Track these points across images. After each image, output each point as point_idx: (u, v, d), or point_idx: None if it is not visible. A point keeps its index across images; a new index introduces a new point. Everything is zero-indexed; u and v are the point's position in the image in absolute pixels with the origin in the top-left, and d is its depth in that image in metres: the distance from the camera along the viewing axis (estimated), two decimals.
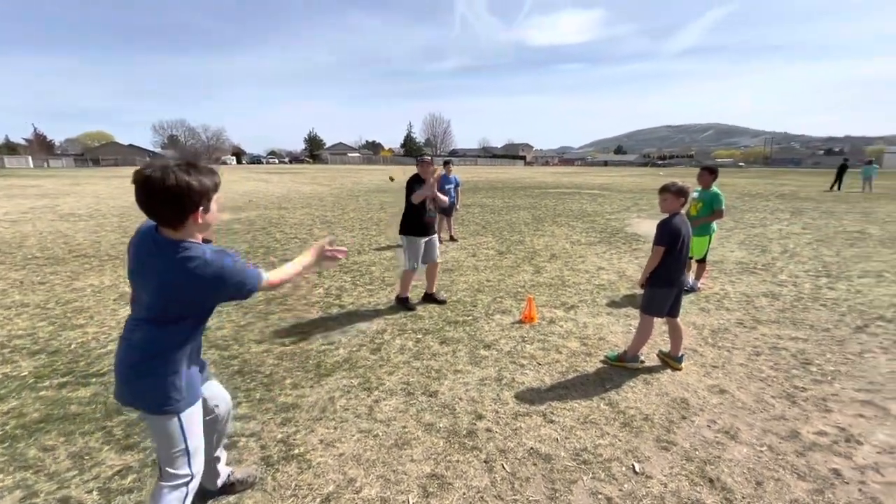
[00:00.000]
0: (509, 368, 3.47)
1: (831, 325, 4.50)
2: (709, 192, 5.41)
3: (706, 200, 5.40)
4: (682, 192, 3.38)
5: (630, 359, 3.58)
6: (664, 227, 3.37)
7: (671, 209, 3.42)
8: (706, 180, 5.43)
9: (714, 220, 5.43)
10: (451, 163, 8.38)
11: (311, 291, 5.50)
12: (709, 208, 5.38)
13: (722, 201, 5.36)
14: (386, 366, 3.49)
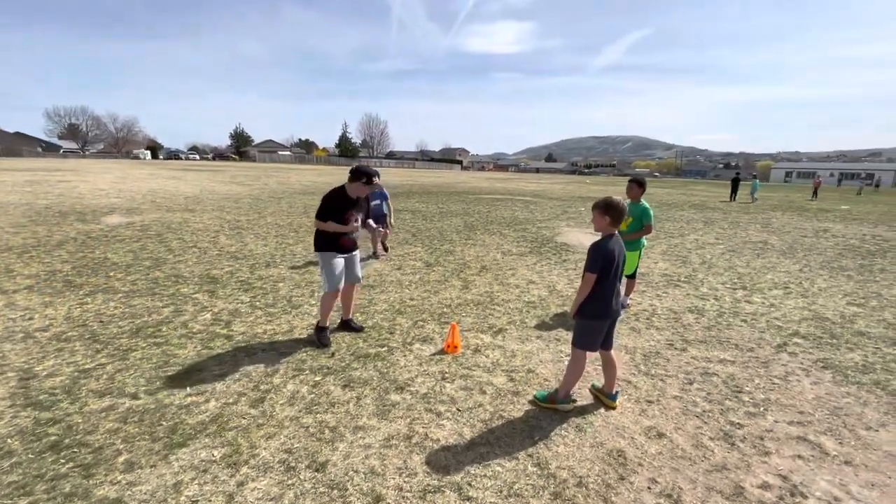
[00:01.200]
0: (423, 419, 2.89)
1: (754, 345, 4.44)
2: (638, 206, 5.22)
3: (636, 215, 5.21)
4: (620, 214, 2.98)
5: (562, 400, 3.14)
6: (597, 252, 2.94)
7: (601, 229, 3.04)
8: (635, 193, 5.24)
9: (644, 236, 5.26)
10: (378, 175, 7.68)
11: (195, 317, 4.56)
12: (638, 223, 5.20)
13: (651, 216, 5.20)
14: (267, 425, 2.75)
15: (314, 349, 3.87)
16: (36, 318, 4.37)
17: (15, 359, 3.52)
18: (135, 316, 4.54)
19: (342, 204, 3.81)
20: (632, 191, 5.23)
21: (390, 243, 8.86)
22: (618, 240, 3.04)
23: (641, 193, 5.22)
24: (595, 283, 2.95)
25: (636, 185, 5.22)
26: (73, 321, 4.34)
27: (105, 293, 5.21)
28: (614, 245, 2.97)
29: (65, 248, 7.31)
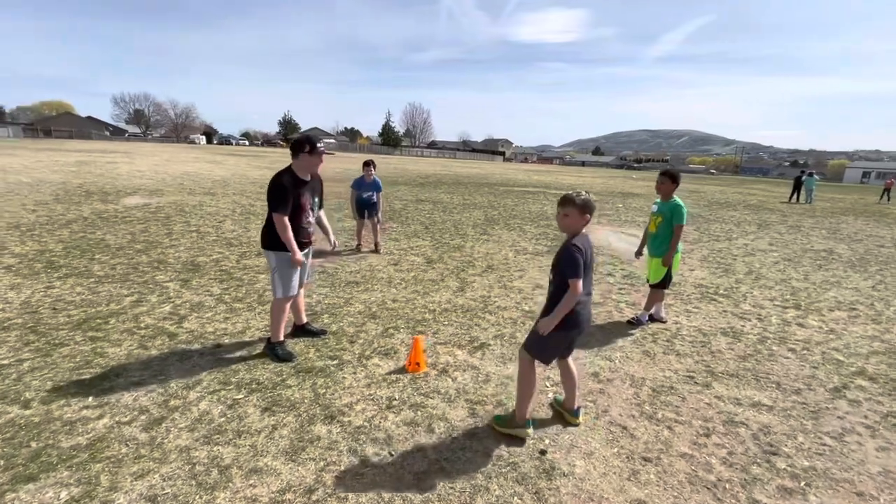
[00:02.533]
0: (341, 464, 2.29)
1: (802, 385, 3.51)
2: (669, 204, 4.35)
3: (666, 214, 4.34)
4: (586, 208, 2.40)
5: (519, 423, 2.50)
6: (579, 254, 2.38)
7: (574, 229, 2.47)
8: (667, 189, 4.36)
9: (678, 241, 4.37)
10: (373, 164, 7.12)
11: (153, 309, 4.19)
12: (668, 224, 4.33)
13: (683, 214, 4.31)
14: (147, 457, 2.25)
15: (256, 358, 3.37)
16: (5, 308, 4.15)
17: None
18: (92, 304, 4.23)
19: (295, 190, 3.21)
20: (663, 185, 4.36)
21: (398, 234, 8.32)
22: (587, 239, 2.51)
23: (674, 189, 4.34)
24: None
25: (668, 178, 4.34)
26: (27, 307, 4.08)
27: (79, 277, 4.97)
28: (587, 243, 2.47)
29: (70, 228, 7.28)
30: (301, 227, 3.28)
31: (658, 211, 4.48)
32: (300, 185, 3.23)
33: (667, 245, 4.39)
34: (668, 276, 4.48)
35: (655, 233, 4.49)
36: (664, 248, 4.40)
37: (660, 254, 4.45)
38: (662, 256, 4.42)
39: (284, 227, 3.12)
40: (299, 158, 3.22)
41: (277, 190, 3.13)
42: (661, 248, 4.43)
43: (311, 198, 3.34)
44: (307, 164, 3.25)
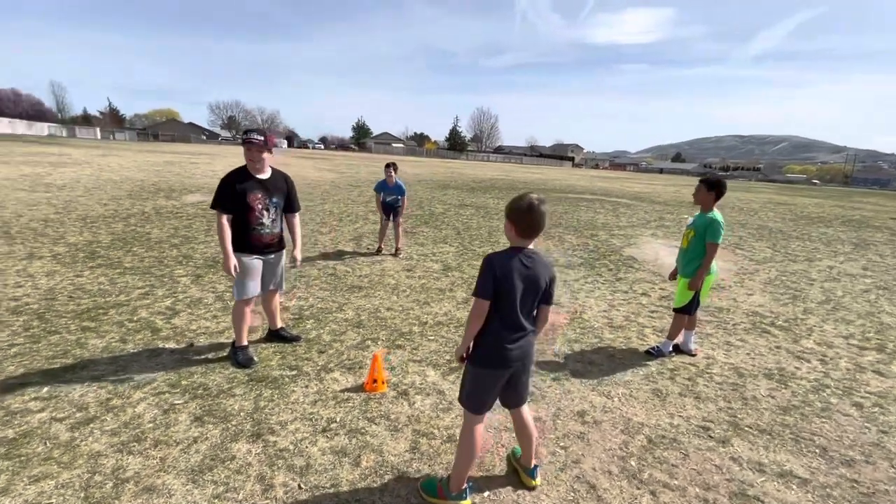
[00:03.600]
0: (241, 492, 2.06)
1: (859, 455, 2.73)
2: (704, 217, 3.69)
3: (699, 229, 3.69)
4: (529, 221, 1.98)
5: (454, 494, 2.08)
6: (487, 267, 1.93)
7: (509, 239, 2.04)
8: (704, 199, 3.72)
9: (710, 261, 3.70)
10: (395, 166, 6.92)
11: (154, 303, 4.32)
12: (701, 241, 3.67)
13: (719, 232, 3.64)
14: (54, 460, 2.18)
15: (219, 361, 3.28)
16: (23, 287, 4.51)
17: None
18: (104, 295, 4.45)
19: (242, 186, 3.08)
20: (699, 194, 3.73)
21: (425, 238, 8.10)
22: (530, 258, 1.99)
23: (714, 200, 3.69)
24: (489, 314, 1.93)
25: (705, 186, 3.70)
26: (49, 294, 4.39)
27: (107, 268, 5.31)
28: (515, 264, 1.94)
29: (127, 222, 7.93)
30: (251, 228, 3.13)
31: (692, 224, 3.83)
32: (249, 183, 3.10)
33: (697, 264, 3.72)
34: (694, 301, 3.80)
35: (686, 249, 3.84)
36: (693, 267, 3.74)
37: (688, 274, 3.79)
38: (690, 278, 3.75)
39: (220, 227, 3.01)
40: (245, 154, 3.09)
41: (218, 186, 3.04)
42: (690, 267, 3.77)
43: (267, 198, 3.19)
44: (246, 158, 3.11)
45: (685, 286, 3.80)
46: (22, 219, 7.46)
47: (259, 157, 3.15)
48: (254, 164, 3.16)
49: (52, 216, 7.83)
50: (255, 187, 3.16)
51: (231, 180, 3.09)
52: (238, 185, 3.08)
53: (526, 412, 2.24)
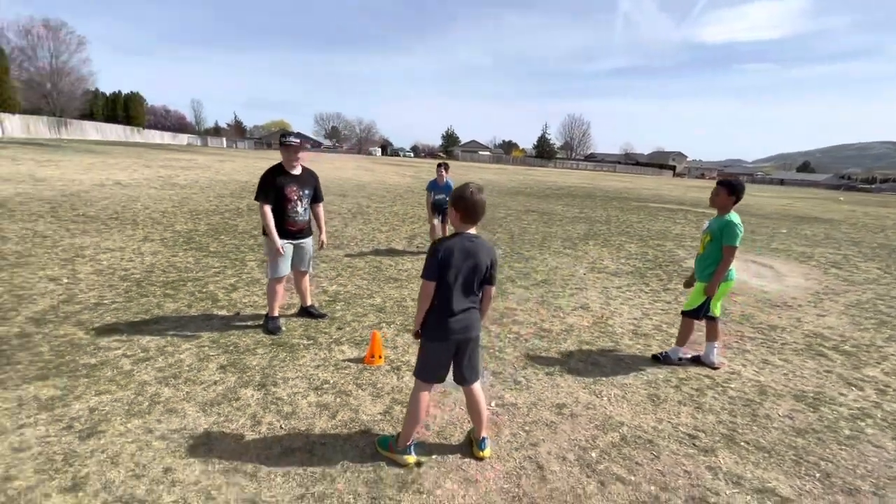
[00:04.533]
0: (234, 422, 2.54)
1: (868, 485, 2.45)
2: (721, 221, 3.53)
3: (715, 232, 3.53)
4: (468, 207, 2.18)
5: (400, 450, 2.35)
6: (432, 252, 2.18)
7: (458, 227, 2.26)
8: (722, 202, 3.57)
9: (727, 266, 3.51)
10: (446, 166, 7.25)
11: (223, 280, 5.15)
12: (717, 244, 3.51)
13: (737, 234, 3.45)
14: (115, 383, 2.85)
15: (254, 328, 3.88)
16: (134, 262, 5.64)
17: (83, 281, 4.60)
18: (187, 271, 5.40)
19: (279, 181, 3.64)
20: (717, 197, 3.58)
21: None
22: (471, 241, 2.22)
23: (732, 203, 3.53)
24: (435, 293, 2.20)
25: (724, 189, 3.55)
26: (150, 267, 5.44)
27: (197, 251, 6.38)
28: (458, 246, 2.18)
29: (222, 215, 9.31)
30: (286, 216, 3.67)
31: (708, 228, 3.65)
32: (284, 178, 3.64)
33: (714, 269, 3.54)
34: (704, 306, 3.61)
35: (703, 254, 3.67)
36: (710, 272, 3.56)
37: (704, 278, 3.61)
38: (707, 282, 3.57)
39: (264, 216, 3.56)
40: (283, 155, 3.64)
41: (260, 180, 3.60)
42: (707, 272, 3.60)
43: (300, 190, 3.71)
44: (284, 158, 3.64)
45: (700, 290, 3.62)
46: (147, 210, 9.15)
47: (296, 157, 3.71)
48: (290, 162, 3.71)
49: (169, 209, 9.48)
50: (291, 181, 3.71)
51: (271, 176, 3.67)
52: (276, 180, 3.65)
53: (477, 389, 2.42)
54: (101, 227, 7.32)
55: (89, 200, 9.55)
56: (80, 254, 5.73)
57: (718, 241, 3.51)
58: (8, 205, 8.34)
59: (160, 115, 78.84)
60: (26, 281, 4.62)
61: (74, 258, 5.52)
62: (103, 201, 9.63)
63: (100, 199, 9.79)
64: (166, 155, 28.24)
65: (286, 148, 3.67)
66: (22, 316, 3.77)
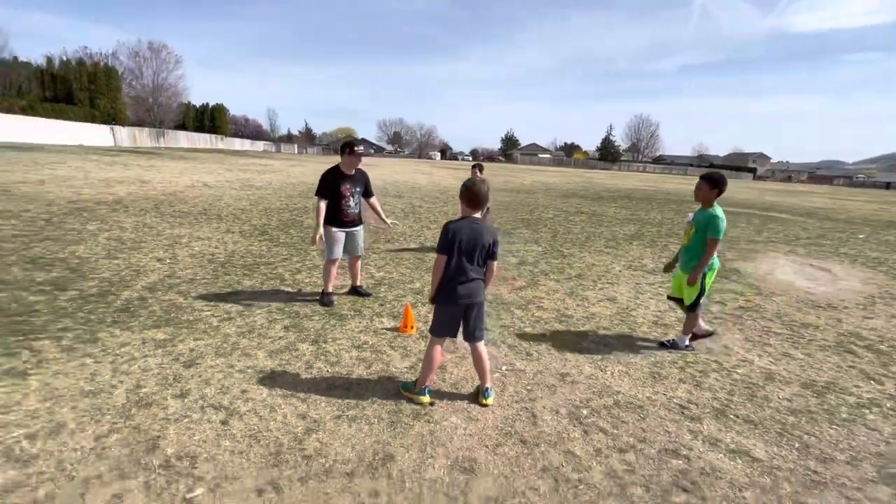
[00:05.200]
0: (292, 365, 3.23)
1: (843, 455, 2.62)
2: (705, 213, 3.75)
3: (700, 224, 3.75)
4: (464, 195, 2.76)
5: (417, 391, 2.91)
6: (443, 231, 2.73)
7: (465, 212, 2.80)
8: (705, 195, 3.78)
9: (710, 257, 3.73)
10: (481, 167, 7.69)
11: (289, 265, 6.03)
12: (702, 235, 3.73)
13: (720, 227, 3.66)
14: (207, 334, 3.68)
15: (312, 301, 4.63)
16: (218, 249, 6.71)
17: (181, 262, 5.65)
18: (261, 257, 6.36)
19: (336, 180, 4.35)
20: (700, 191, 3.80)
21: (515, 239, 8.75)
22: (475, 223, 2.75)
23: (715, 196, 3.74)
24: (447, 265, 2.74)
25: (707, 183, 3.76)
26: (232, 254, 6.47)
27: (269, 242, 7.39)
28: (464, 227, 2.71)
29: (291, 213, 10.46)
30: (340, 209, 4.37)
31: (692, 220, 3.87)
32: (340, 177, 4.33)
33: (697, 261, 3.75)
34: (700, 296, 3.83)
35: (688, 245, 3.90)
36: (696, 263, 3.77)
37: (689, 269, 3.83)
38: (691, 273, 3.79)
39: (318, 208, 4.28)
40: (343, 158, 4.33)
41: (319, 179, 4.32)
42: (692, 263, 3.81)
43: (353, 187, 4.40)
44: (349, 163, 4.33)
45: (688, 284, 3.83)
46: (229, 207, 10.52)
47: (358, 162, 4.42)
48: (352, 166, 4.42)
49: (247, 207, 10.81)
50: (346, 180, 4.42)
51: (330, 176, 4.38)
52: (334, 179, 4.38)
53: (481, 346, 2.91)
54: (193, 220, 8.63)
55: (183, 199, 11.13)
56: (177, 241, 6.90)
57: (703, 232, 3.72)
58: (123, 202, 10.01)
59: (240, 124, 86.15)
60: (140, 260, 5.75)
61: (174, 244, 6.69)
62: (194, 200, 11.18)
63: (191, 198, 11.37)
64: (245, 160, 31.15)
65: (356, 156, 4.37)
66: (139, 285, 4.80)
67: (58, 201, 9.35)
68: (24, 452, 2.23)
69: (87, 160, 18.39)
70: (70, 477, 2.09)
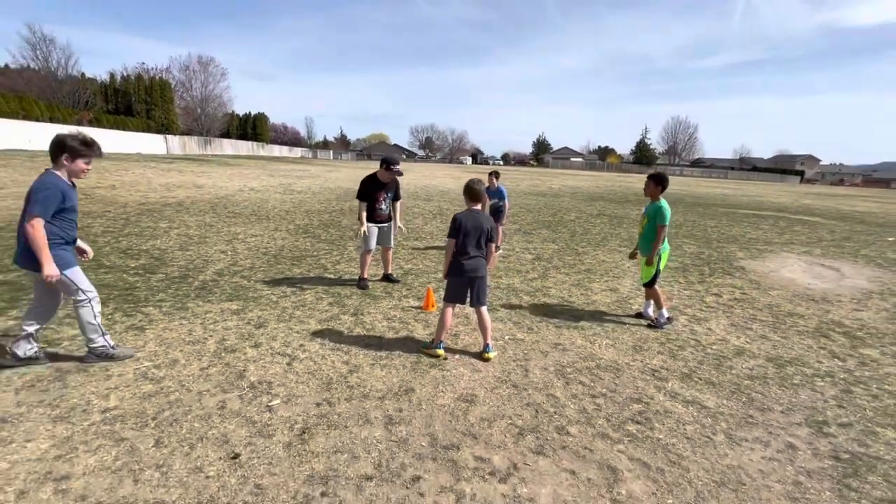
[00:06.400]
0: (335, 326, 4.08)
1: (782, 408, 3.19)
2: (654, 205, 4.55)
3: (650, 215, 4.49)
4: (467, 193, 3.47)
5: (434, 345, 3.70)
6: (453, 221, 3.53)
7: (467, 205, 3.61)
8: (652, 191, 4.61)
9: (660, 240, 4.51)
10: (497, 174, 8.34)
11: (330, 258, 6.95)
12: (652, 224, 4.49)
13: (666, 216, 4.46)
14: (267, 305, 4.60)
15: (350, 286, 5.50)
16: (270, 243, 7.73)
17: (240, 253, 6.66)
18: (306, 250, 7.32)
19: (373, 186, 5.20)
20: (648, 188, 4.62)
21: (535, 238, 9.40)
22: (473, 213, 3.55)
23: (660, 191, 4.56)
24: (456, 247, 3.51)
25: (654, 181, 4.58)
26: (281, 248, 7.46)
27: (313, 238, 8.37)
28: (468, 216, 3.52)
29: (329, 214, 11.50)
30: (375, 210, 5.22)
31: (644, 212, 4.59)
32: (377, 184, 5.18)
33: (651, 245, 4.46)
34: (656, 276, 4.58)
35: (643, 233, 4.69)
36: (650, 247, 4.48)
37: (646, 252, 4.54)
38: (647, 255, 4.51)
39: (360, 208, 5.14)
40: (381, 170, 5.18)
41: (360, 184, 5.19)
42: (647, 247, 4.55)
43: (385, 193, 5.24)
44: (384, 175, 5.17)
45: (645, 264, 4.52)
46: (275, 209, 11.68)
47: (394, 178, 5.26)
48: (387, 179, 5.26)
49: (290, 209, 11.94)
50: (381, 187, 5.28)
51: (369, 182, 5.25)
52: (371, 185, 5.24)
53: (484, 311, 3.65)
54: (245, 220, 9.77)
55: (235, 202, 12.40)
56: (235, 237, 7.99)
57: (653, 221, 4.44)
58: (184, 204, 11.34)
59: (280, 132, 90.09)
60: (207, 252, 6.81)
61: (233, 240, 7.77)
62: (244, 203, 12.43)
63: (241, 201, 12.63)
64: (284, 166, 32.99)
65: (393, 172, 5.20)
66: (210, 271, 5.82)
67: (130, 203, 10.75)
68: (155, 375, 3.15)
69: (147, 167, 20.28)
70: (188, 390, 2.99)
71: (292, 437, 2.59)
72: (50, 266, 2.82)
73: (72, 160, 2.92)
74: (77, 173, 2.99)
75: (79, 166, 2.96)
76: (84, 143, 2.95)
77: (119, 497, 2.10)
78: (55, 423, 2.59)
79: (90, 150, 2.98)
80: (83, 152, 2.94)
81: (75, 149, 2.90)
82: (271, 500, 2.13)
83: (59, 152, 2.89)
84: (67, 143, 2.88)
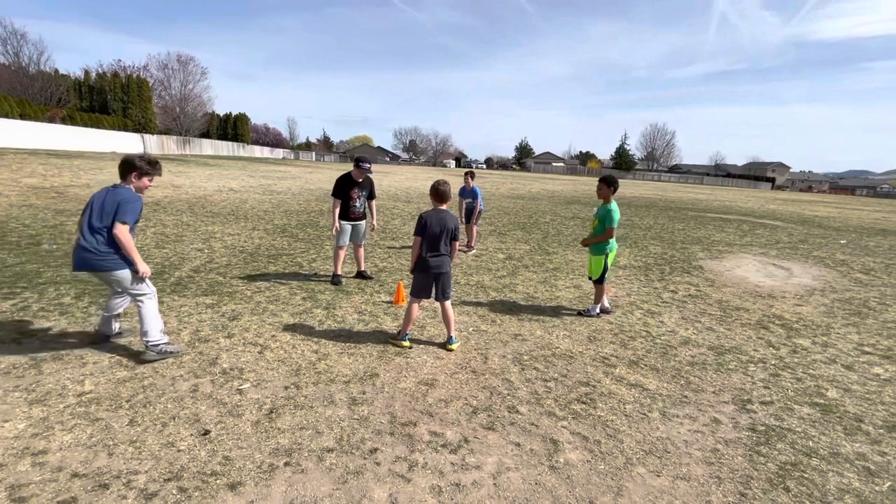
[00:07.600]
0: (307, 319, 4.27)
1: (714, 389, 3.52)
2: (604, 207, 4.86)
3: (601, 216, 4.81)
4: (437, 194, 3.69)
5: (401, 337, 3.91)
6: (419, 219, 3.75)
7: (434, 205, 3.84)
8: (604, 193, 4.91)
9: (606, 239, 4.85)
10: (472, 174, 8.60)
11: (308, 256, 7.11)
12: (601, 225, 4.81)
13: (615, 218, 4.76)
14: (242, 298, 4.75)
15: (324, 282, 5.69)
16: (247, 242, 7.84)
17: (217, 251, 6.77)
18: (283, 249, 7.46)
19: (347, 184, 5.41)
20: (601, 190, 4.93)
21: (509, 239, 9.70)
22: (438, 212, 3.78)
23: (611, 193, 4.85)
24: (421, 244, 3.71)
25: (604, 184, 4.88)
26: (258, 247, 7.58)
27: (290, 238, 8.50)
28: (434, 215, 3.74)
29: (308, 215, 11.61)
30: (350, 208, 5.43)
31: (595, 214, 4.90)
32: (351, 183, 5.39)
33: (602, 245, 4.80)
34: (604, 273, 4.91)
35: (593, 233, 4.93)
36: (600, 247, 4.80)
37: (596, 252, 4.84)
38: (596, 254, 4.89)
39: (334, 205, 5.35)
40: (354, 168, 5.40)
41: (335, 182, 5.39)
42: (598, 247, 4.83)
43: (360, 191, 5.46)
44: (356, 173, 5.39)
45: (598, 262, 4.92)
46: (254, 209, 11.73)
47: (368, 176, 5.48)
48: (360, 176, 5.47)
49: (269, 209, 12.02)
50: (355, 186, 5.49)
51: (343, 181, 5.46)
52: (345, 183, 5.45)
53: (447, 305, 3.90)
54: (223, 219, 9.83)
55: (213, 202, 12.40)
56: (212, 236, 8.07)
57: (603, 222, 4.75)
58: (161, 204, 11.30)
59: (261, 133, 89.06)
60: (183, 249, 6.90)
61: (209, 238, 7.85)
62: (222, 203, 12.44)
63: (220, 201, 12.64)
64: (265, 167, 32.75)
65: (364, 170, 5.43)
66: (186, 268, 5.93)
67: None
68: (129, 363, 3.30)
69: None
70: (162, 375, 3.15)
71: (260, 416, 2.78)
72: (143, 263, 3.26)
73: (139, 178, 3.32)
74: (142, 189, 3.38)
75: (144, 183, 3.36)
76: (149, 163, 3.37)
77: (94, 468, 2.26)
78: (31, 406, 2.73)
79: (154, 169, 3.40)
80: (149, 171, 3.36)
81: (143, 168, 3.32)
82: (238, 469, 2.33)
83: (129, 171, 3.28)
84: (136, 163, 3.30)
